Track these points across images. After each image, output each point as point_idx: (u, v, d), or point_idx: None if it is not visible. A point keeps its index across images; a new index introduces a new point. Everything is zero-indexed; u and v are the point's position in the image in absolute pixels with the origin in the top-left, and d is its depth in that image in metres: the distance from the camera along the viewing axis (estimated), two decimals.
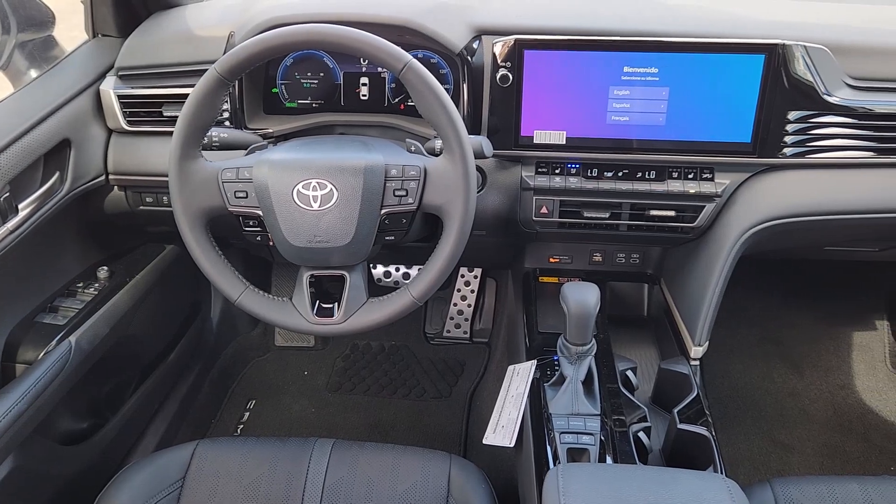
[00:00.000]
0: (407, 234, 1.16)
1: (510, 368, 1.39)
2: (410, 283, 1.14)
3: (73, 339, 1.37)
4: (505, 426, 1.26)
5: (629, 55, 1.26)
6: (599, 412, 1.18)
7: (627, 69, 1.27)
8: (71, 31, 1.61)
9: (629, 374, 1.35)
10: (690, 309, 1.44)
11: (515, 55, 1.28)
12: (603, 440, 1.15)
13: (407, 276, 2.29)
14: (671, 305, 1.55)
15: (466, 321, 2.33)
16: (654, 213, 1.38)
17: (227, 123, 1.39)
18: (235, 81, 1.14)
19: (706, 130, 1.30)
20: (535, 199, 1.39)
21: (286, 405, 2.11)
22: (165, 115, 1.42)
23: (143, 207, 1.51)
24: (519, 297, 1.68)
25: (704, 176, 1.34)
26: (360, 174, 1.08)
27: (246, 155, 1.20)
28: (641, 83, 1.28)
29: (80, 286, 1.51)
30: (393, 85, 1.42)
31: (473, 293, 2.34)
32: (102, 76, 1.46)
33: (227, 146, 1.23)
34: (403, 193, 1.10)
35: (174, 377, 1.93)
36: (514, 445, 1.23)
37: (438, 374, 2.21)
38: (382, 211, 1.11)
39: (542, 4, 1.39)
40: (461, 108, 1.32)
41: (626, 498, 0.88)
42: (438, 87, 1.06)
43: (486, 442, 1.26)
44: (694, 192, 1.34)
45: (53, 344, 1.35)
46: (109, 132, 1.46)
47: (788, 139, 1.29)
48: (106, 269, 1.56)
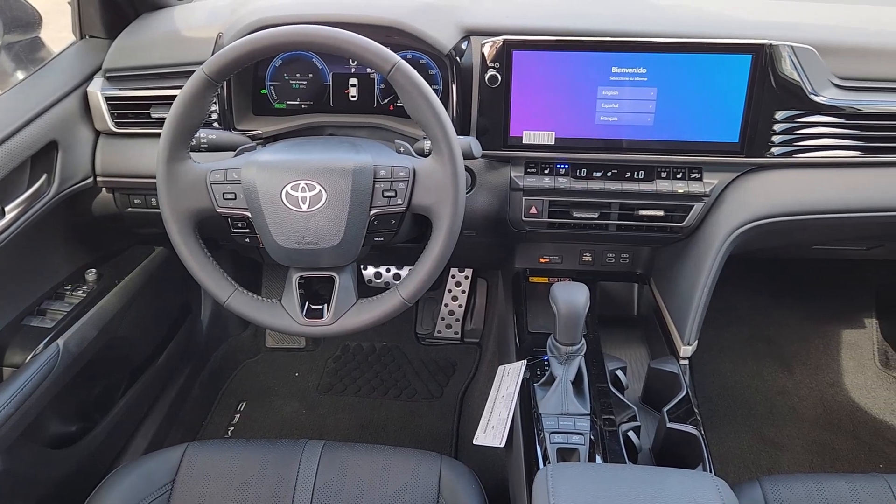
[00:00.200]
0: (396, 234, 1.16)
1: (500, 369, 1.39)
2: (400, 284, 1.14)
3: (60, 341, 1.36)
4: (495, 426, 1.26)
5: (617, 56, 1.27)
6: (589, 412, 1.18)
7: (616, 69, 1.27)
8: (60, 31, 1.60)
9: (619, 373, 1.35)
10: (680, 308, 1.44)
11: (504, 56, 1.28)
12: (592, 440, 1.15)
13: (398, 276, 2.29)
14: (661, 305, 1.55)
15: (457, 322, 2.33)
16: (642, 212, 1.38)
17: (215, 125, 1.39)
18: (223, 82, 1.13)
19: (694, 130, 1.30)
20: (524, 199, 1.40)
21: (277, 407, 2.10)
22: (153, 116, 1.41)
23: (131, 209, 1.50)
24: (509, 297, 1.68)
25: (693, 176, 1.35)
26: (348, 175, 1.08)
27: (235, 156, 1.20)
28: (630, 83, 1.28)
29: (68, 289, 1.51)
30: (382, 86, 1.42)
31: (464, 293, 2.34)
32: (90, 78, 1.45)
33: (215, 147, 1.23)
34: (392, 194, 1.10)
35: (164, 379, 1.92)
36: (504, 446, 1.23)
37: (429, 374, 2.20)
38: (371, 212, 1.11)
39: (530, 5, 1.39)
40: (450, 108, 1.32)
41: (614, 497, 0.89)
42: (426, 87, 1.06)
43: (476, 442, 1.26)
44: (682, 191, 1.35)
45: (41, 347, 1.34)
46: (97, 134, 1.46)
47: (776, 139, 1.29)
48: (94, 271, 1.55)
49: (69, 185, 1.40)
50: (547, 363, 1.25)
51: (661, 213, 1.38)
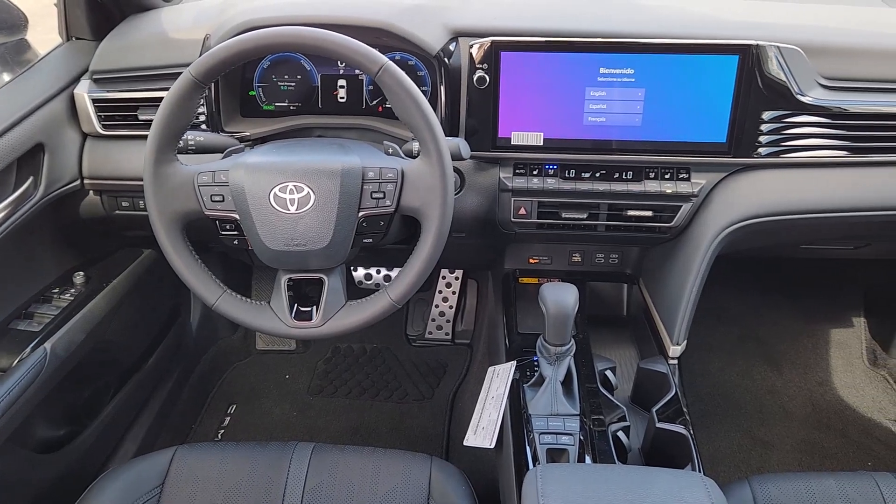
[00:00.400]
0: (385, 236, 1.16)
1: (490, 370, 1.39)
2: (389, 285, 1.14)
3: (48, 345, 1.35)
4: (485, 428, 1.26)
5: (605, 56, 1.27)
6: (578, 412, 1.18)
7: (603, 70, 1.28)
8: (47, 33, 1.59)
9: (608, 373, 1.36)
10: (668, 308, 1.45)
11: (492, 57, 1.28)
12: (582, 440, 1.15)
13: (388, 278, 2.29)
14: (650, 305, 1.56)
15: (448, 323, 2.33)
16: (631, 213, 1.39)
17: (203, 126, 1.38)
18: (211, 84, 1.13)
19: (682, 131, 1.31)
20: (513, 200, 1.40)
21: (267, 409, 2.10)
22: (141, 118, 1.40)
23: (119, 212, 1.50)
24: (499, 298, 1.68)
25: (681, 176, 1.35)
26: (336, 177, 1.08)
27: (222, 158, 1.20)
28: (618, 84, 1.28)
29: (55, 292, 1.50)
30: (370, 87, 1.42)
31: (455, 294, 2.34)
32: (77, 80, 1.44)
33: (203, 149, 1.22)
34: (381, 196, 1.10)
35: (153, 382, 1.91)
36: (494, 447, 1.23)
37: (420, 375, 2.20)
38: (360, 214, 1.10)
39: (518, 6, 1.39)
40: (438, 109, 1.32)
41: (603, 498, 0.89)
42: (414, 88, 1.06)
43: (466, 444, 1.26)
44: (671, 192, 1.35)
45: (28, 351, 1.33)
46: (84, 136, 1.45)
47: (763, 139, 1.30)
48: (82, 274, 1.54)
49: (56, 187, 1.39)
50: (536, 364, 1.25)
51: (649, 213, 1.38)
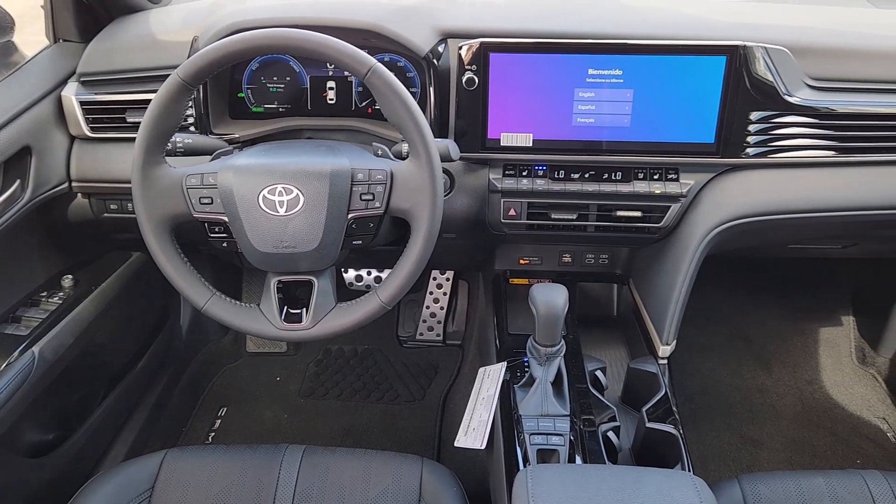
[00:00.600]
0: (375, 238, 1.16)
1: (481, 370, 1.39)
2: (379, 287, 1.14)
3: (36, 349, 1.35)
4: (476, 429, 1.26)
5: (593, 57, 1.27)
6: (569, 413, 1.18)
7: (592, 71, 1.28)
8: (35, 35, 1.58)
9: (598, 374, 1.36)
10: (658, 308, 1.45)
11: (481, 58, 1.28)
12: (572, 440, 1.16)
13: (379, 279, 2.29)
14: (639, 305, 1.56)
15: (439, 324, 2.33)
16: (620, 213, 1.39)
17: (192, 129, 1.38)
18: (199, 86, 1.12)
19: (670, 131, 1.31)
20: (502, 201, 1.40)
21: (258, 412, 2.09)
22: (129, 120, 1.40)
23: (107, 215, 1.49)
24: (489, 299, 1.68)
25: (670, 176, 1.36)
26: (325, 179, 1.08)
27: (211, 160, 1.19)
28: (606, 85, 1.29)
29: (43, 295, 1.49)
30: (360, 89, 1.42)
31: (446, 296, 2.34)
32: (64, 82, 1.44)
33: (191, 152, 1.22)
34: (370, 197, 1.10)
35: (143, 386, 1.91)
36: (484, 447, 1.23)
37: (412, 377, 2.20)
38: (349, 215, 1.10)
39: (506, 8, 1.39)
40: (428, 111, 1.32)
41: (593, 498, 0.89)
42: (403, 90, 1.06)
43: (457, 444, 1.26)
44: (659, 192, 1.35)
45: (16, 355, 1.32)
46: (72, 139, 1.44)
47: (751, 139, 1.31)
48: (70, 277, 1.53)
49: (44, 190, 1.38)
50: (527, 364, 1.25)
51: (638, 213, 1.39)
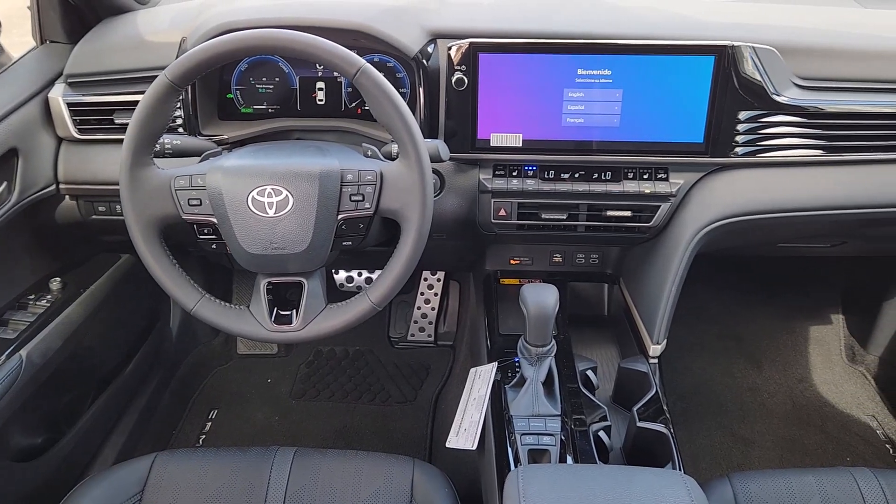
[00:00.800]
0: (365, 239, 1.16)
1: (472, 371, 1.39)
2: (369, 288, 1.13)
3: (23, 352, 1.34)
4: (467, 429, 1.26)
5: (582, 58, 1.27)
6: (560, 413, 1.19)
7: (581, 71, 1.28)
8: (22, 36, 1.57)
9: (589, 373, 1.36)
10: (648, 308, 1.46)
11: (470, 58, 1.28)
12: (563, 440, 1.16)
13: (369, 280, 2.28)
14: (630, 304, 1.57)
15: (431, 324, 2.33)
16: (610, 213, 1.39)
17: (180, 130, 1.37)
18: (187, 87, 1.12)
19: (660, 131, 1.32)
20: (493, 201, 1.40)
21: (249, 414, 2.08)
22: (117, 122, 1.39)
23: (95, 217, 1.48)
24: (480, 299, 1.68)
25: (659, 176, 1.36)
26: (315, 180, 1.07)
27: (200, 162, 1.19)
28: (595, 85, 1.29)
29: (31, 298, 1.48)
30: (349, 89, 1.42)
31: (437, 296, 2.34)
32: (51, 83, 1.43)
33: (180, 153, 1.22)
34: (360, 198, 1.10)
35: (133, 389, 1.90)
36: (476, 448, 1.23)
37: (403, 378, 2.20)
38: (339, 216, 1.10)
39: (496, 8, 1.39)
40: (417, 111, 1.32)
41: (584, 497, 0.89)
42: (392, 90, 1.05)
43: (448, 445, 1.26)
44: (649, 192, 1.36)
45: (3, 358, 1.31)
46: (59, 140, 1.43)
47: (740, 139, 1.31)
48: (58, 280, 1.52)
49: (31, 192, 1.37)
50: (518, 365, 1.25)
51: (628, 213, 1.39)
